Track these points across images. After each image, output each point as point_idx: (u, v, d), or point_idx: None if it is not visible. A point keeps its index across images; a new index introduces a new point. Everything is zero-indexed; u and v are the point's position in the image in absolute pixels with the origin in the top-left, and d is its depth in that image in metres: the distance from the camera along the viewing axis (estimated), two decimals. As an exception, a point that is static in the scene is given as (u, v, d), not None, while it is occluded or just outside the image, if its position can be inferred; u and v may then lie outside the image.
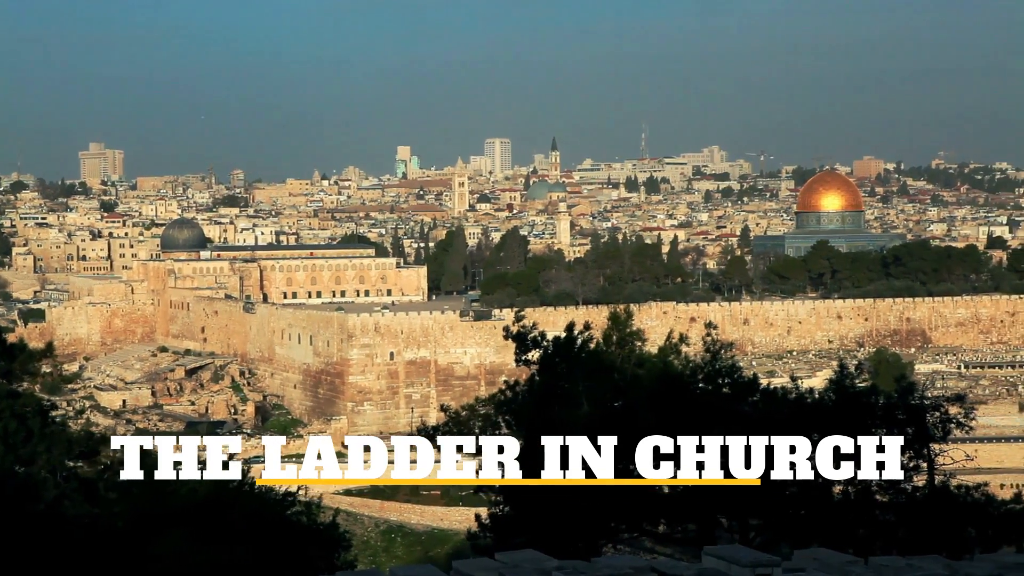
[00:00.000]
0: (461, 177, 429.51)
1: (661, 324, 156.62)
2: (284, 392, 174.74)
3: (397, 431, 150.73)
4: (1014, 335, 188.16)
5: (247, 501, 29.85)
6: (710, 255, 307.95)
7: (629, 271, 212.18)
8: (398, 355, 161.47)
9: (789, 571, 15.16)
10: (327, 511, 34.09)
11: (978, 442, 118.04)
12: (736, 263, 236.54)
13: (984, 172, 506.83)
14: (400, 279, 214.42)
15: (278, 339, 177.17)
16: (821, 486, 31.89)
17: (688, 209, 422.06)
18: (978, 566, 15.40)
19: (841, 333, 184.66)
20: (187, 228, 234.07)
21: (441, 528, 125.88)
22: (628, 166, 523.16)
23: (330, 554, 31.18)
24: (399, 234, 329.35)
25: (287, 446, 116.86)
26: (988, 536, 31.02)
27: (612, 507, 30.88)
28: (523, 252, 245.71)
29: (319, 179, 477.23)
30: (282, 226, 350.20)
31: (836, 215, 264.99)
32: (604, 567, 15.36)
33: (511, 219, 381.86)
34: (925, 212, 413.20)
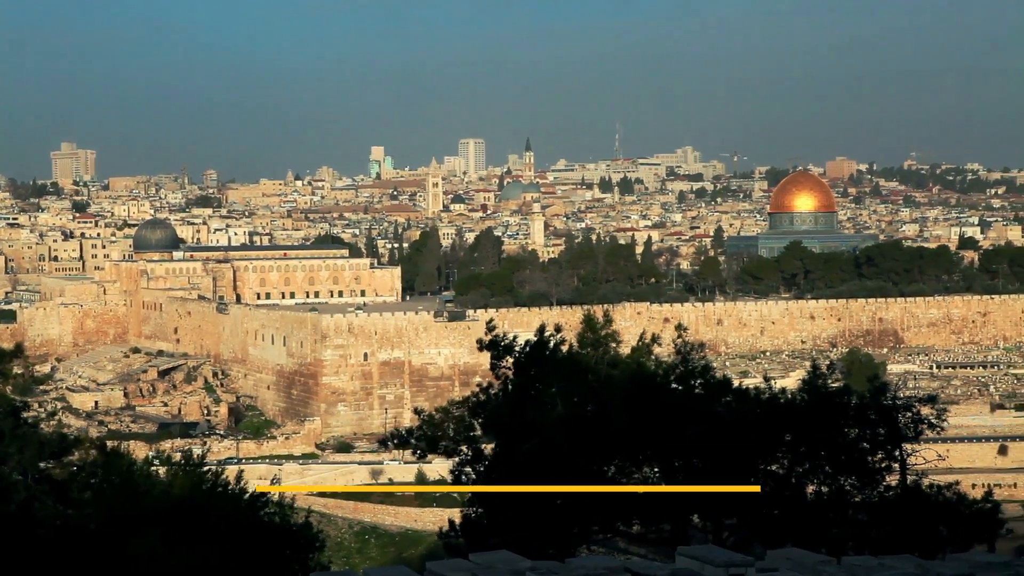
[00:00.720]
0: (435, 177, 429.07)
1: (635, 324, 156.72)
2: (257, 393, 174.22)
3: (371, 432, 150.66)
4: (985, 335, 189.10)
5: (221, 502, 29.75)
6: (684, 256, 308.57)
7: (603, 271, 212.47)
8: (372, 356, 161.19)
9: (762, 571, 15.20)
10: (300, 512, 34.00)
11: (950, 442, 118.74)
12: (709, 264, 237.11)
13: (956, 173, 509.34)
14: (374, 280, 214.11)
15: (251, 340, 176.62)
16: (794, 486, 32.04)
17: (662, 210, 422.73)
18: (949, 565, 15.47)
19: (814, 333, 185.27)
20: (160, 228, 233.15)
21: (415, 529, 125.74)
22: (602, 167, 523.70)
23: (304, 555, 31.11)
24: (373, 234, 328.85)
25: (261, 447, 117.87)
26: (959, 535, 31.17)
27: (586, 508, 30.92)
28: (497, 253, 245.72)
29: (293, 179, 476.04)
30: (255, 226, 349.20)
31: (809, 216, 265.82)
32: (578, 568, 15.37)
33: (485, 219, 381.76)
34: (897, 213, 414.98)
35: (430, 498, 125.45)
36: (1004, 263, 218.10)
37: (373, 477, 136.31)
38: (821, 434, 32.08)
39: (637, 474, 32.80)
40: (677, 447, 31.47)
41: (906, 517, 30.68)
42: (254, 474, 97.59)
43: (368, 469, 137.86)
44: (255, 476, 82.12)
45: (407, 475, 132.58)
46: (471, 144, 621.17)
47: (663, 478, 32.44)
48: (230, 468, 43.09)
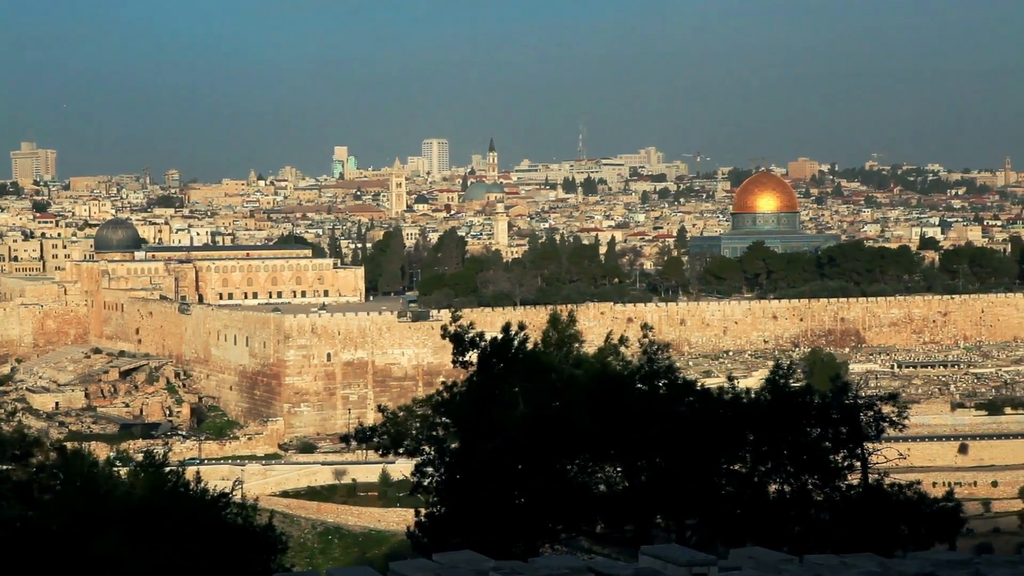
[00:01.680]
0: (398, 178, 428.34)
1: (599, 325, 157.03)
2: (220, 394, 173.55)
3: (334, 432, 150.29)
4: (946, 335, 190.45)
5: (183, 503, 29.61)
6: (647, 256, 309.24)
7: (567, 272, 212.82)
8: (335, 356, 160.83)
9: (725, 570, 15.25)
10: (263, 513, 33.89)
11: (911, 441, 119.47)
12: (673, 264, 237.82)
13: (917, 174, 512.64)
14: (337, 280, 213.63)
15: (214, 340, 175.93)
16: (757, 485, 32.16)
17: (625, 210, 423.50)
18: (911, 564, 15.56)
19: (776, 333, 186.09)
20: (121, 228, 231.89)
21: (378, 529, 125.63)
22: (566, 167, 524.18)
23: (266, 556, 31.00)
24: (336, 235, 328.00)
25: (223, 448, 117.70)
26: (920, 534, 31.33)
27: (549, 507, 30.94)
28: (461, 253, 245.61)
29: (255, 179, 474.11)
30: (218, 227, 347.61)
31: (771, 216, 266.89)
32: (541, 567, 15.37)
33: (449, 220, 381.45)
34: (859, 213, 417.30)
35: (393, 498, 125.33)
36: (964, 263, 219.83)
37: (336, 477, 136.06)
38: (783, 433, 32.20)
39: (600, 473, 32.86)
40: (640, 447, 31.53)
41: (868, 516, 30.83)
42: (216, 475, 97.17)
43: (331, 469, 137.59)
44: (217, 477, 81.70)
45: (371, 475, 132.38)
46: (435, 144, 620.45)
47: (626, 478, 32.51)
48: (192, 469, 42.91)
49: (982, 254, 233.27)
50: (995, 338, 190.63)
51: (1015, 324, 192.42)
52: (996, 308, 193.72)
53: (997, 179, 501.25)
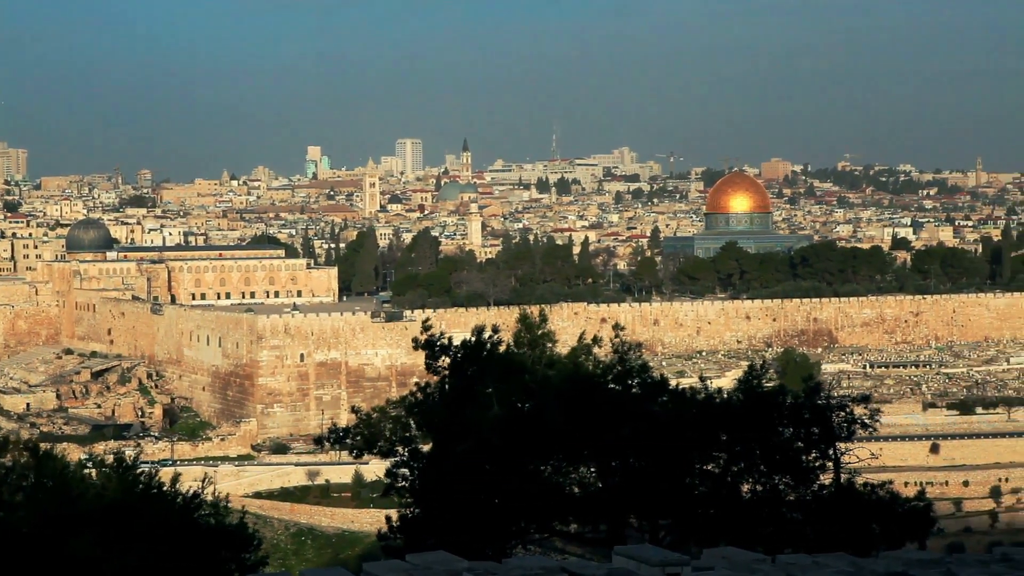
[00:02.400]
0: (372, 178, 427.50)
1: (572, 325, 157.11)
2: (193, 394, 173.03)
3: (307, 433, 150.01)
4: (918, 335, 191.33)
5: (155, 504, 29.50)
6: (620, 256, 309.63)
7: (540, 272, 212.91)
8: (308, 357, 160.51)
9: (698, 569, 15.27)
10: (236, 514, 33.78)
11: (883, 441, 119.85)
12: (646, 264, 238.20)
13: (888, 174, 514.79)
14: (310, 280, 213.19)
15: (186, 341, 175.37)
16: (730, 485, 32.23)
17: (599, 210, 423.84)
18: (882, 563, 15.62)
19: (750, 333, 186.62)
20: (93, 228, 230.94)
21: (352, 530, 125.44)
22: (539, 167, 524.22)
23: (239, 557, 30.91)
24: (309, 235, 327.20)
25: (196, 448, 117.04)
26: (892, 533, 31.44)
27: (523, 508, 30.95)
28: (434, 253, 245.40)
29: (228, 179, 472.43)
30: (190, 227, 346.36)
31: (744, 216, 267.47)
32: (515, 568, 15.37)
33: (422, 220, 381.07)
34: (831, 213, 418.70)
35: (367, 499, 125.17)
36: (936, 264, 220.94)
37: (310, 478, 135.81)
38: (756, 433, 32.27)
39: (574, 474, 32.88)
40: (613, 447, 31.57)
41: (840, 515, 30.93)
42: (189, 476, 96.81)
43: (305, 470, 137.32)
44: (190, 478, 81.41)
45: (344, 475, 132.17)
46: (408, 144, 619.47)
47: (599, 478, 32.54)
48: (165, 470, 42.74)
49: (953, 254, 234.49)
50: (966, 338, 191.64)
51: (986, 324, 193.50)
52: (967, 308, 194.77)
53: (968, 179, 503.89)
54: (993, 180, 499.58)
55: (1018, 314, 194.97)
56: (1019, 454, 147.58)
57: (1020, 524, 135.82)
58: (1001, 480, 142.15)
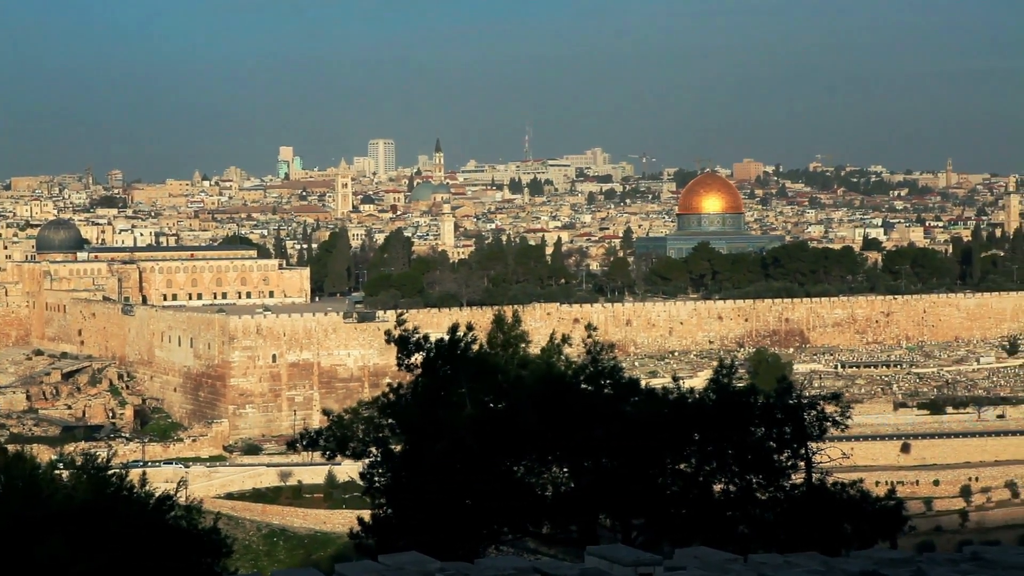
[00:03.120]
0: (344, 178, 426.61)
1: (545, 325, 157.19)
2: (164, 395, 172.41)
3: (279, 434, 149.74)
4: (888, 335, 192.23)
5: (125, 506, 29.35)
6: (593, 256, 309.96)
7: (513, 272, 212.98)
8: (280, 357, 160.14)
9: (671, 569, 15.30)
10: (208, 515, 33.63)
11: (854, 440, 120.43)
12: (619, 264, 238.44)
13: (860, 175, 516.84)
14: (283, 281, 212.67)
15: (158, 341, 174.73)
16: (702, 485, 32.32)
17: (571, 211, 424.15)
18: (853, 562, 15.68)
19: (722, 333, 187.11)
20: (63, 229, 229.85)
21: (324, 531, 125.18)
22: (512, 168, 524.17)
23: (211, 559, 30.79)
24: (281, 235, 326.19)
25: (167, 450, 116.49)
26: (863, 532, 31.59)
27: (495, 508, 30.95)
28: (407, 253, 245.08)
29: (200, 179, 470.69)
30: (162, 227, 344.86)
31: (717, 217, 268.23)
32: (487, 568, 15.37)
33: (395, 220, 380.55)
34: (803, 214, 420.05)
35: (339, 500, 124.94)
36: (906, 264, 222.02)
37: (282, 479, 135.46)
38: (728, 433, 32.37)
39: (546, 474, 32.90)
40: (586, 447, 31.61)
41: (811, 515, 31.05)
42: (160, 477, 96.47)
43: (277, 471, 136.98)
44: (161, 479, 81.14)
45: (317, 476, 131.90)
46: (380, 145, 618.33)
47: (572, 478, 32.57)
48: (135, 471, 42.59)
49: (924, 255, 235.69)
50: (937, 338, 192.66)
51: (956, 324, 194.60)
52: (938, 308, 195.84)
53: (939, 180, 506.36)
54: (963, 181, 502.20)
55: (988, 314, 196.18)
56: (989, 453, 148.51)
57: (990, 523, 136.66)
58: (971, 479, 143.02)
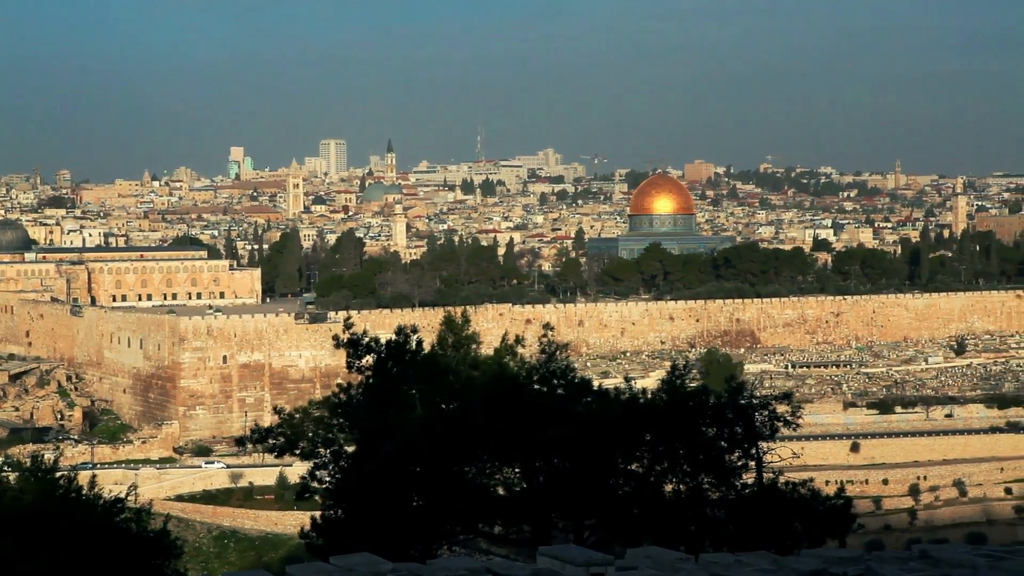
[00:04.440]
0: (296, 178, 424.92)
1: (497, 326, 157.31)
2: (113, 397, 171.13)
3: (230, 435, 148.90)
4: (838, 335, 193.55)
5: (75, 508, 29.11)
6: (545, 257, 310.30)
7: (465, 273, 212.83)
8: (231, 358, 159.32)
9: (622, 569, 15.32)
10: (157, 517, 33.41)
11: (804, 440, 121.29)
12: (571, 265, 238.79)
13: (810, 176, 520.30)
14: (233, 281, 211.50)
15: (107, 343, 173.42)
16: (653, 485, 32.39)
17: (523, 212, 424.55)
18: (804, 561, 15.75)
19: (673, 334, 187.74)
20: (11, 229, 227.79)
21: (275, 533, 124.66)
22: (464, 168, 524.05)
23: (161, 561, 30.57)
24: (232, 236, 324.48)
25: (116, 451, 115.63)
26: (813, 531, 31.77)
27: (447, 509, 30.90)
28: (359, 254, 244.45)
29: (149, 180, 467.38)
30: (111, 227, 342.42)
31: (668, 218, 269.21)
32: (439, 569, 15.34)
33: (347, 221, 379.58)
34: (754, 215, 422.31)
35: (290, 501, 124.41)
36: (856, 264, 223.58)
37: (233, 481, 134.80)
38: (680, 433, 32.45)
39: (498, 475, 32.89)
40: (538, 447, 31.61)
41: (762, 514, 31.18)
42: (109, 479, 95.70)
43: (228, 473, 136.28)
44: (111, 481, 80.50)
45: (268, 478, 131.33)
46: (332, 145, 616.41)
47: (524, 478, 32.57)
48: (84, 473, 42.21)
49: (873, 256, 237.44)
50: (886, 338, 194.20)
51: (905, 324, 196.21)
52: (887, 309, 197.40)
53: (888, 182, 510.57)
54: (912, 182, 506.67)
55: (936, 315, 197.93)
56: (937, 453, 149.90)
57: (938, 521, 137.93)
58: (919, 478, 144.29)
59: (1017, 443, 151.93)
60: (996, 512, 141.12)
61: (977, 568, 15.06)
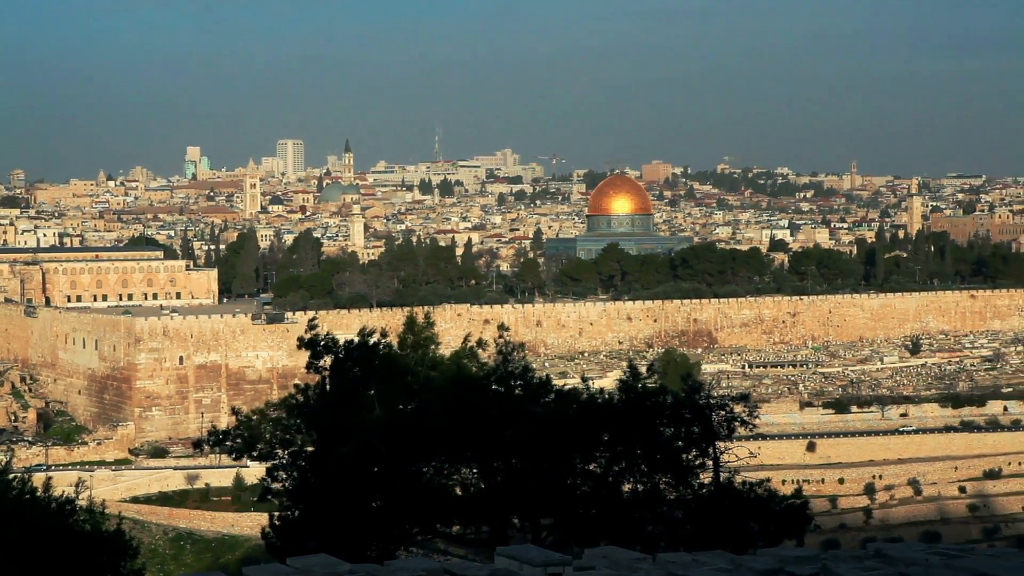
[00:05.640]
0: (253, 178, 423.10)
1: (455, 326, 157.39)
2: (68, 398, 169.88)
3: (187, 437, 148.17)
4: (795, 335, 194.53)
5: (28, 510, 28.88)
6: (503, 257, 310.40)
7: (423, 273, 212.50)
8: (188, 359, 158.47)
9: (580, 569, 15.34)
10: (112, 519, 33.19)
11: (761, 439, 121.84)
12: (529, 265, 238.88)
13: (766, 177, 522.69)
14: (190, 282, 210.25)
15: (61, 344, 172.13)
16: (611, 485, 32.45)
17: (482, 212, 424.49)
18: (760, 560, 15.82)
19: (631, 334, 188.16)
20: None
21: (232, 534, 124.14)
22: (422, 168, 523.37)
23: (116, 563, 30.37)
24: (189, 236, 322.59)
25: (71, 453, 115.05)
26: (770, 531, 31.91)
27: (405, 510, 30.86)
28: (316, 254, 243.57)
29: (105, 180, 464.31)
30: (66, 228, 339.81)
31: (626, 218, 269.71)
32: (397, 570, 15.31)
33: (304, 221, 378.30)
34: (711, 215, 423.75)
35: (247, 502, 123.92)
36: (812, 265, 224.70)
37: (189, 482, 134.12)
38: (637, 433, 32.52)
39: (456, 475, 32.87)
40: (496, 448, 31.62)
41: (719, 514, 31.30)
42: (64, 481, 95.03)
43: (184, 474, 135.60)
44: (65, 483, 79.86)
45: (225, 479, 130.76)
46: (289, 145, 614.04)
47: (482, 479, 32.56)
48: (38, 475, 41.91)
49: (829, 256, 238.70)
50: (842, 338, 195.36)
51: (861, 324, 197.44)
52: (843, 309, 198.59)
53: (844, 182, 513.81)
54: (867, 183, 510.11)
55: (891, 314, 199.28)
56: (892, 452, 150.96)
57: (893, 520, 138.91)
58: (875, 477, 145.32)
59: (971, 442, 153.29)
60: (950, 511, 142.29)
61: (931, 566, 15.16)
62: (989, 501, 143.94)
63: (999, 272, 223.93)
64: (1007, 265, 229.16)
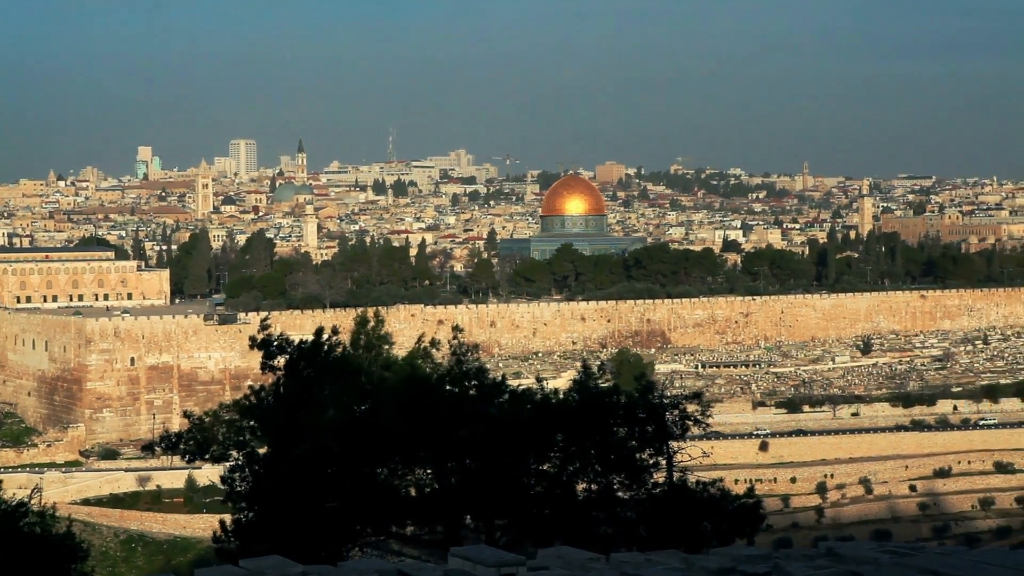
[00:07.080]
0: (205, 178, 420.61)
1: (409, 327, 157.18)
2: (18, 400, 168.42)
3: (138, 438, 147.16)
4: (748, 335, 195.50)
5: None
6: (457, 258, 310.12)
7: (377, 274, 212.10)
8: (139, 360, 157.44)
9: (533, 569, 15.35)
10: (62, 521, 32.88)
11: (714, 439, 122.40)
12: (483, 266, 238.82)
13: (720, 178, 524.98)
14: (141, 283, 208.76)
15: (11, 345, 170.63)
16: (565, 485, 32.49)
17: (435, 212, 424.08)
18: (713, 560, 15.88)
19: (585, 334, 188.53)
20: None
21: (184, 536, 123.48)
22: (376, 169, 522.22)
23: (66, 566, 30.09)
24: (140, 236, 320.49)
25: (21, 455, 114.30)
26: (723, 530, 32.05)
27: (359, 511, 30.78)
28: (269, 255, 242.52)
29: (55, 180, 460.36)
30: (15, 228, 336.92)
31: (580, 219, 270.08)
32: (350, 571, 15.27)
33: (257, 221, 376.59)
34: (664, 216, 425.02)
35: (199, 504, 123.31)
36: (765, 265, 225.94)
37: (140, 484, 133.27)
38: (591, 433, 32.57)
39: (410, 476, 32.81)
40: (450, 448, 31.59)
41: (673, 513, 31.40)
42: (13, 483, 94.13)
43: (135, 476, 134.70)
44: (14, 485, 79.12)
45: (176, 481, 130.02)
46: (242, 145, 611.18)
47: (435, 479, 32.52)
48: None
49: (781, 256, 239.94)
50: (794, 338, 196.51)
51: (813, 324, 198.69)
52: (795, 309, 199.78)
53: (796, 183, 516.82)
54: (819, 184, 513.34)
55: (843, 315, 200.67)
56: (844, 451, 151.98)
57: (845, 519, 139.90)
58: (827, 476, 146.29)
59: (921, 441, 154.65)
60: (901, 509, 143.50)
61: (882, 565, 15.26)
62: (939, 500, 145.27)
63: (949, 273, 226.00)
64: (956, 266, 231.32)
